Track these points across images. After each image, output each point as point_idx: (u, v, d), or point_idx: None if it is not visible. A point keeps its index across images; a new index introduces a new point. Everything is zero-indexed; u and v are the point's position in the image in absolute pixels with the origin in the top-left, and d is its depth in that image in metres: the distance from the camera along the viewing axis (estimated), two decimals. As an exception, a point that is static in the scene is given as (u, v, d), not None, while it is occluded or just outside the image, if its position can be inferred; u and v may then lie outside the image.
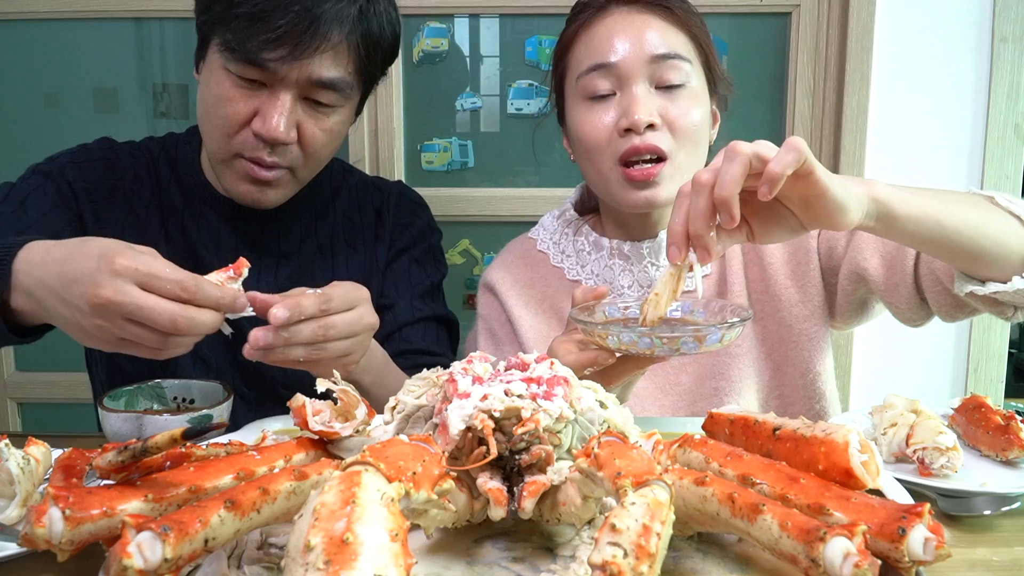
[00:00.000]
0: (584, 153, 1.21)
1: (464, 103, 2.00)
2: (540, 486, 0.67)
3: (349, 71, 1.17)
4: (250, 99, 1.15)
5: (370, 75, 1.23)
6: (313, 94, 1.16)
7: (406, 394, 0.79)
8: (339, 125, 1.22)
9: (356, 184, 1.43)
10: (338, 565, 0.48)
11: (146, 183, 1.30)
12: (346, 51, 1.15)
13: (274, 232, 1.32)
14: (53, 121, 2.02)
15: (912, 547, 0.56)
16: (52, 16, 1.97)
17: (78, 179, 1.26)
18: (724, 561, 0.68)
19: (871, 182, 0.87)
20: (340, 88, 1.16)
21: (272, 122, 1.13)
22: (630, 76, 1.15)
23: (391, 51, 1.24)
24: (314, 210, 1.37)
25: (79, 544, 0.60)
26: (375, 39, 1.18)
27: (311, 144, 1.19)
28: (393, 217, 1.42)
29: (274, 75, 1.12)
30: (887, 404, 0.95)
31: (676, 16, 1.19)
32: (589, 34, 1.20)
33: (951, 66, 1.89)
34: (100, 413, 0.95)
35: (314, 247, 1.36)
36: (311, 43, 1.10)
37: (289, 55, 1.10)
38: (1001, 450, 0.89)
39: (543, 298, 1.31)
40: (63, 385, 2.11)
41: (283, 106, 1.13)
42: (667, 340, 0.87)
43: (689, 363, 1.26)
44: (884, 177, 2.05)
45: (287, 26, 1.09)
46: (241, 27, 1.10)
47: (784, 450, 0.71)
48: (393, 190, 1.45)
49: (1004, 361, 2.02)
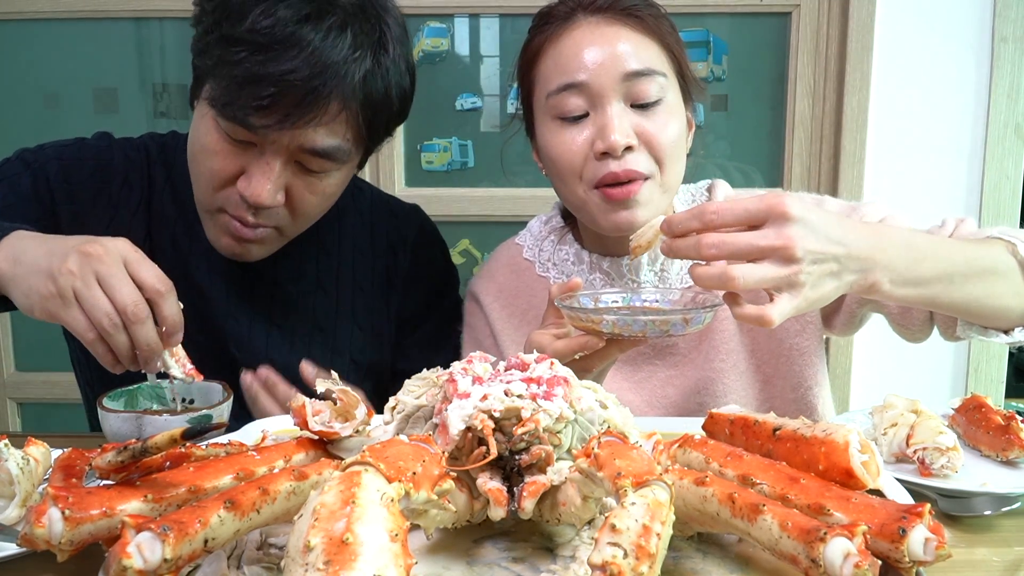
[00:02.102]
0: (557, 175, 1.16)
1: (464, 103, 2.00)
2: (540, 486, 0.67)
3: (348, 138, 1.08)
4: (238, 156, 1.07)
5: (374, 137, 1.14)
6: (304, 160, 1.08)
7: (406, 394, 0.79)
8: (333, 187, 1.14)
9: (368, 207, 1.32)
10: (338, 565, 0.48)
11: (135, 189, 1.23)
12: (344, 120, 1.07)
13: (270, 258, 1.21)
14: (53, 121, 2.02)
15: (912, 547, 0.56)
16: (52, 16, 1.97)
17: (60, 179, 1.20)
18: (724, 561, 0.68)
19: (875, 272, 0.85)
20: (335, 157, 1.08)
21: (257, 187, 1.06)
22: (603, 95, 1.09)
23: (399, 113, 1.15)
24: (317, 236, 1.26)
25: (79, 544, 0.60)
26: (379, 103, 1.09)
27: (300, 207, 1.12)
28: (411, 260, 1.31)
29: (263, 139, 1.05)
30: (887, 404, 0.95)
31: (646, 25, 1.12)
32: (557, 48, 1.13)
33: (951, 66, 1.89)
34: (100, 413, 0.95)
35: (314, 281, 1.27)
36: (304, 114, 1.02)
37: (280, 123, 1.02)
38: (1001, 450, 0.89)
39: (528, 308, 1.29)
40: (63, 385, 2.11)
41: (271, 170, 1.06)
42: (659, 323, 0.89)
43: (676, 376, 1.24)
44: (884, 178, 2.04)
45: (278, 94, 1.00)
46: (232, 87, 1.02)
47: (784, 450, 0.71)
48: (411, 224, 1.34)
49: (1004, 361, 2.02)
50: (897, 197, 1.93)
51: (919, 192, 1.94)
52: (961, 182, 1.92)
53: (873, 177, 1.93)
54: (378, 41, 1.08)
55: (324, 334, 0.89)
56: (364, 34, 1.06)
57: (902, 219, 1.16)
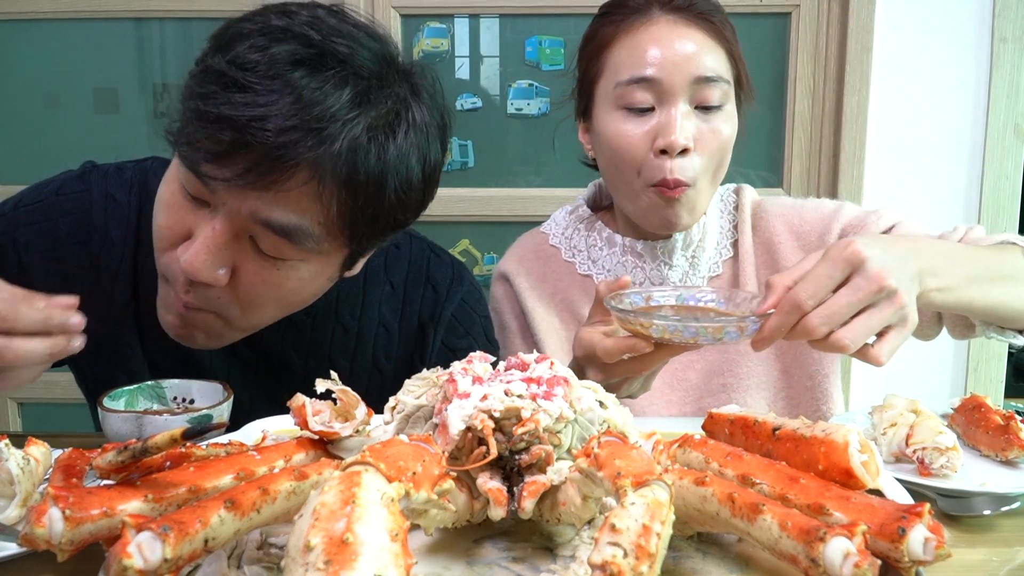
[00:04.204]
0: (612, 161, 1.19)
1: (464, 103, 2.00)
2: (540, 486, 0.67)
3: (316, 221, 0.86)
4: (189, 215, 0.89)
5: (356, 231, 0.90)
6: (258, 236, 0.87)
7: (406, 394, 0.79)
8: (293, 283, 0.92)
9: (403, 277, 1.11)
10: (338, 565, 0.48)
11: (117, 246, 1.06)
12: (314, 196, 0.85)
13: (278, 327, 1.03)
14: (53, 121, 2.02)
15: (912, 547, 0.56)
16: (52, 16, 1.97)
17: (33, 242, 1.05)
18: (724, 561, 0.68)
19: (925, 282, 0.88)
20: (294, 239, 0.87)
21: (195, 254, 0.86)
22: (672, 94, 1.12)
23: (397, 210, 0.91)
24: (336, 305, 1.08)
25: (79, 544, 0.60)
26: (367, 187, 0.86)
27: (247, 295, 0.91)
28: (443, 341, 1.12)
29: (215, 197, 0.86)
30: (887, 404, 0.95)
31: (717, 30, 1.15)
32: (632, 40, 1.15)
33: (951, 66, 1.89)
34: (100, 413, 0.95)
35: (326, 358, 1.09)
36: (266, 174, 0.82)
37: (234, 179, 0.83)
38: (1001, 450, 0.89)
39: (555, 292, 1.31)
40: (63, 385, 2.11)
41: (215, 238, 0.87)
42: (712, 329, 0.86)
43: (697, 360, 1.26)
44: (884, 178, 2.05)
45: (240, 144, 0.81)
46: (192, 125, 0.85)
47: (784, 450, 0.71)
48: (452, 300, 1.13)
49: (1004, 361, 2.02)
50: (897, 197, 1.94)
51: (919, 192, 1.94)
52: (961, 182, 1.93)
53: (873, 177, 1.94)
54: (388, 113, 0.87)
55: None
56: (370, 100, 0.86)
57: (914, 225, 1.18)
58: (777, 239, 1.27)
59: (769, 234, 1.28)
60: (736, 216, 1.30)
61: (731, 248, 1.29)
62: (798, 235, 1.27)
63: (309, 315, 1.05)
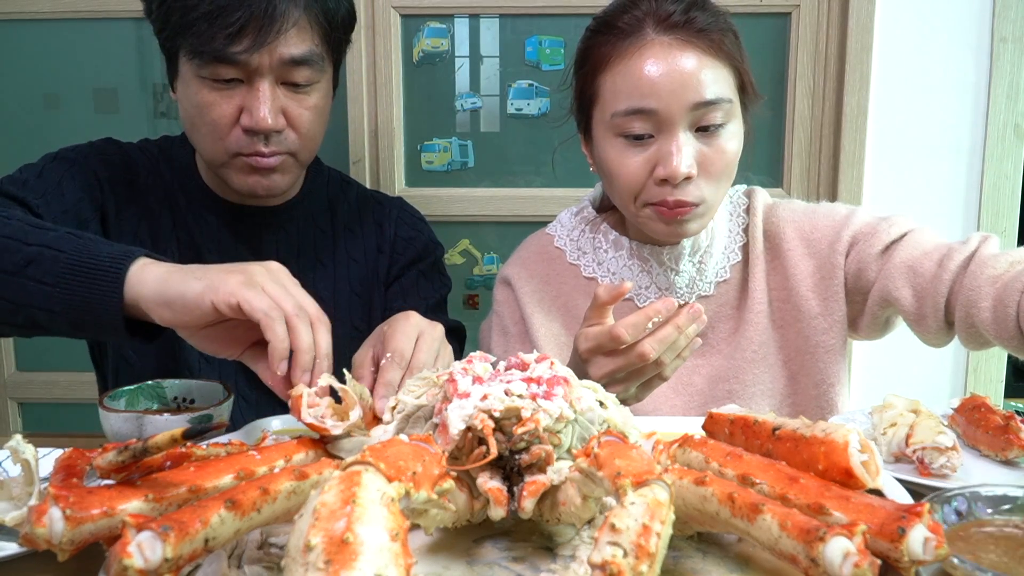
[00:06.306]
0: (612, 187, 1.18)
1: (464, 103, 2.00)
2: (540, 486, 0.67)
3: (316, 43, 1.19)
4: (231, 98, 1.17)
5: (336, 43, 1.25)
6: (289, 76, 1.18)
7: (406, 394, 0.79)
8: (321, 101, 1.24)
9: (356, 198, 1.45)
10: (338, 565, 0.48)
11: (156, 181, 1.32)
12: (308, 25, 1.17)
13: (272, 236, 1.34)
14: (53, 121, 2.02)
15: (912, 547, 0.56)
16: (52, 16, 1.97)
17: (102, 170, 1.27)
18: (724, 561, 0.68)
19: None
20: (313, 62, 1.18)
21: (259, 114, 1.15)
22: (671, 123, 1.09)
23: (349, 16, 1.26)
24: (312, 219, 1.38)
25: (79, 544, 0.60)
26: (332, 7, 1.20)
27: (301, 126, 1.21)
28: (395, 230, 1.44)
29: (247, 67, 1.14)
30: (887, 404, 0.95)
31: (716, 45, 1.11)
32: (625, 66, 1.11)
33: (951, 66, 1.89)
34: (100, 413, 0.95)
35: (313, 258, 1.37)
36: (272, 26, 1.12)
37: (255, 43, 1.12)
38: (1001, 450, 0.89)
39: (557, 295, 1.31)
40: (63, 385, 2.11)
41: (264, 95, 1.16)
42: None
43: (703, 364, 1.26)
44: (884, 178, 2.05)
45: (245, 16, 1.11)
46: (202, 29, 1.11)
47: (784, 450, 0.71)
48: (394, 205, 1.47)
49: (1004, 361, 2.02)
50: (897, 197, 1.94)
51: (919, 192, 1.94)
52: (960, 182, 1.92)
53: (873, 177, 1.93)
54: None
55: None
56: None
57: (928, 234, 1.17)
58: (787, 245, 1.25)
59: (779, 240, 1.26)
60: (746, 219, 1.29)
61: (739, 252, 1.27)
62: (808, 242, 1.25)
63: (295, 229, 1.34)
